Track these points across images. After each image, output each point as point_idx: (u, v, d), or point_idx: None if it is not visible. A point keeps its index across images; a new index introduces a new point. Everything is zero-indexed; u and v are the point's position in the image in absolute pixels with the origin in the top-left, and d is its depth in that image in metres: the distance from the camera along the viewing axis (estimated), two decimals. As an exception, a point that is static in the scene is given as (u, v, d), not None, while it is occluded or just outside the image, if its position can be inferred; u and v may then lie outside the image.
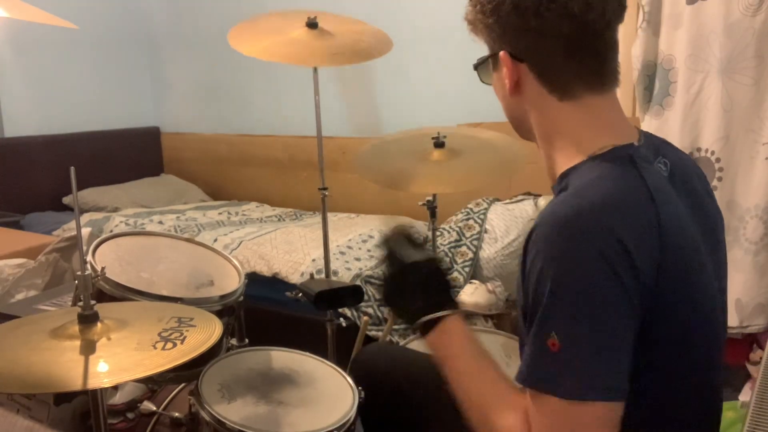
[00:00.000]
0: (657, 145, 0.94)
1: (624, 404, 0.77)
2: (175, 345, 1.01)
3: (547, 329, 0.77)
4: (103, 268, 1.26)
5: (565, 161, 0.90)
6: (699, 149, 2.09)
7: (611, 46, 0.89)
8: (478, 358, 0.94)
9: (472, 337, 0.97)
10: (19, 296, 2.04)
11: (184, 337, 1.04)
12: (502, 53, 0.90)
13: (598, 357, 0.76)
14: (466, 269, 2.53)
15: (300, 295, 1.75)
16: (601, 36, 0.87)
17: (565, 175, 0.89)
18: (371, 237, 2.77)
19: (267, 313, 2.37)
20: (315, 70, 1.95)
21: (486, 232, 2.63)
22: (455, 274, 2.52)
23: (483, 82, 1.01)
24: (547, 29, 0.86)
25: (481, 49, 0.97)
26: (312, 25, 1.87)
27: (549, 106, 0.90)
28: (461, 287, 2.45)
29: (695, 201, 0.92)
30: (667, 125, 2.15)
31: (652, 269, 0.78)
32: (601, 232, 0.77)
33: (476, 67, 0.99)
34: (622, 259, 0.76)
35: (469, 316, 2.36)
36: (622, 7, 0.88)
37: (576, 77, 0.88)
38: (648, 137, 0.94)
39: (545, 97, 0.90)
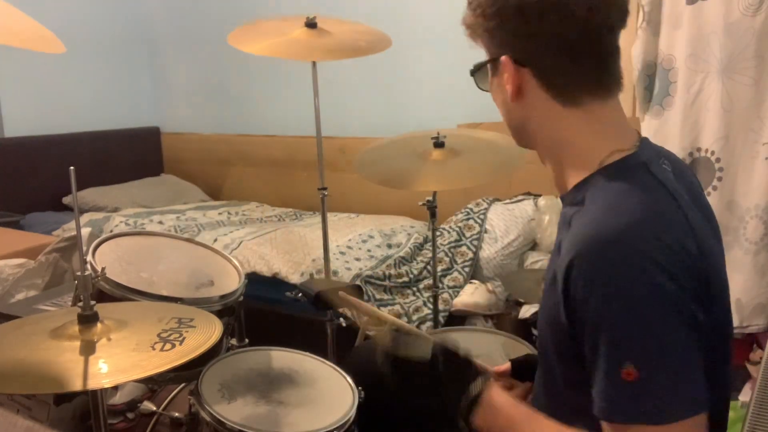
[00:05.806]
0: (656, 148, 0.94)
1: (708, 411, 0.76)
2: (173, 346, 1.01)
3: (621, 359, 0.75)
4: (103, 269, 1.26)
5: (575, 172, 0.89)
6: (699, 149, 2.09)
7: (614, 51, 0.88)
8: (531, 420, 0.90)
9: (513, 402, 0.93)
10: (19, 296, 2.03)
11: (183, 338, 1.04)
12: (503, 58, 0.88)
13: (680, 373, 0.75)
14: (466, 269, 2.53)
15: (300, 295, 1.75)
16: (604, 40, 0.86)
17: (580, 187, 0.88)
18: (371, 237, 2.77)
19: (267, 313, 2.38)
20: (314, 65, 1.95)
21: (486, 232, 2.63)
22: (455, 274, 2.52)
23: (480, 88, 0.97)
24: (550, 33, 0.84)
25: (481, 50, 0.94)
26: (311, 25, 1.87)
27: (552, 112, 0.88)
28: (461, 287, 2.45)
29: (700, 202, 0.92)
30: (667, 125, 2.15)
31: (696, 270, 0.78)
32: (651, 242, 0.76)
33: (473, 73, 0.96)
34: (678, 264, 0.76)
35: (469, 316, 2.36)
36: (624, 12, 0.87)
37: (580, 82, 0.87)
38: (645, 141, 0.93)
39: (549, 103, 0.88)
